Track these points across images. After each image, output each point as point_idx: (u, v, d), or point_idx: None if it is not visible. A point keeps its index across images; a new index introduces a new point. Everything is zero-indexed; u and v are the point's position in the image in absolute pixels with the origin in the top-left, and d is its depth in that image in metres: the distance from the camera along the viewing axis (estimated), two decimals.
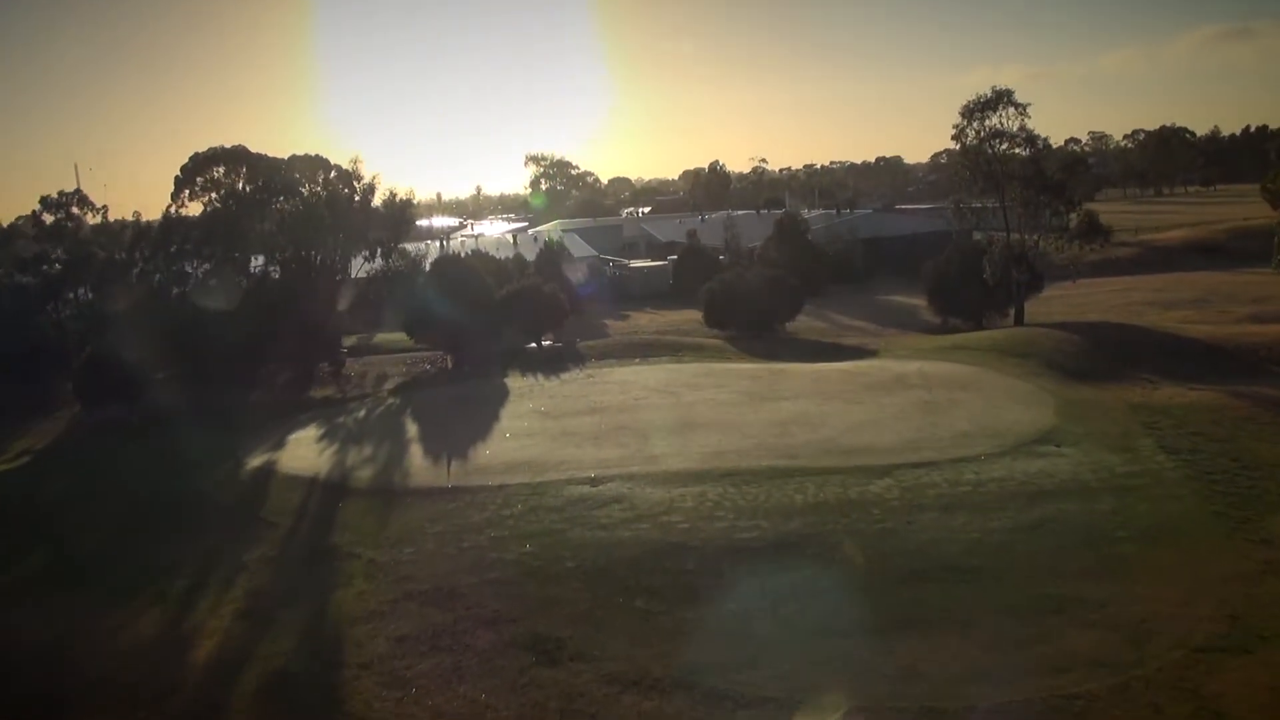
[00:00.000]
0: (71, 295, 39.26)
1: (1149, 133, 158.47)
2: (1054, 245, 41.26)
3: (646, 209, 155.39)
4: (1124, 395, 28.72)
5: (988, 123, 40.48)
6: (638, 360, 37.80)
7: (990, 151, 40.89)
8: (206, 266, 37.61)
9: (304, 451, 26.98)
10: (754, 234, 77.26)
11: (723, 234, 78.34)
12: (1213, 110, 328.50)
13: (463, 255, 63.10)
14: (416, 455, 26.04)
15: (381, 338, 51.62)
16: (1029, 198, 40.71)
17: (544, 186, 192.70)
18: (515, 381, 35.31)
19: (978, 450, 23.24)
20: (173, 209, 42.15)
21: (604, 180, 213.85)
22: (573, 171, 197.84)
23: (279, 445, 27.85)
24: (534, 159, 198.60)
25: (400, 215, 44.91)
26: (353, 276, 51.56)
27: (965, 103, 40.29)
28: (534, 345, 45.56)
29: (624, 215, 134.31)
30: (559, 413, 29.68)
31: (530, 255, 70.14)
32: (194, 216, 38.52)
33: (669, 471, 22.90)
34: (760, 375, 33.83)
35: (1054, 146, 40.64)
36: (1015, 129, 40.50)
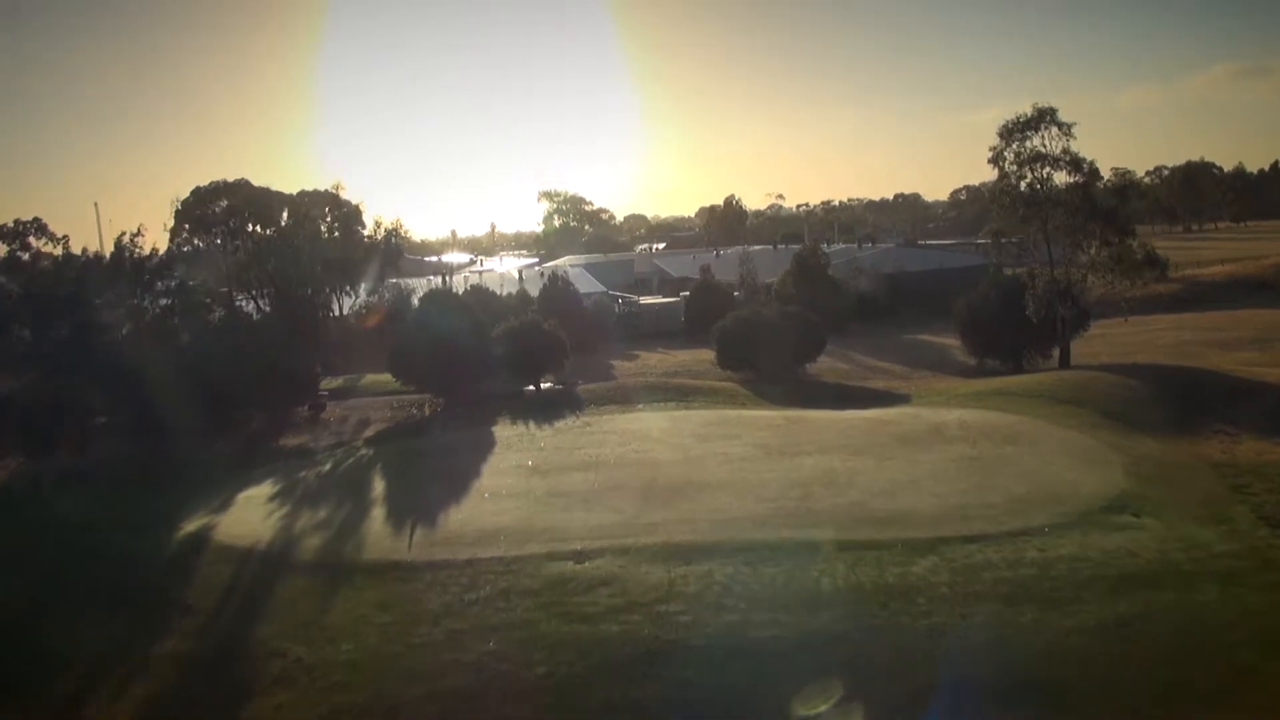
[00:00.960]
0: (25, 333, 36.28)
1: (1175, 168, 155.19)
2: (1104, 278, 37.67)
3: (661, 245, 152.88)
4: (1200, 451, 25.15)
5: (1028, 144, 37.10)
6: (641, 406, 34.45)
7: (1031, 175, 37.53)
8: (164, 302, 34.60)
9: (250, 514, 23.65)
10: (770, 269, 74.25)
11: (738, 269, 75.39)
12: (1233, 147, 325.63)
13: (462, 290, 60.16)
14: (378, 520, 22.69)
15: (371, 379, 48.49)
16: (1076, 225, 37.27)
17: (557, 223, 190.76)
18: (504, 430, 31.99)
19: (1038, 520, 19.68)
20: (173, 244, 39.65)
21: (619, 217, 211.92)
22: (586, 207, 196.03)
23: (224, 506, 24.57)
24: (547, 194, 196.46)
25: (386, 245, 41.86)
26: (343, 313, 48.77)
27: (1004, 122, 37.02)
28: (532, 388, 42.37)
29: (637, 251, 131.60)
30: (548, 468, 26.32)
31: (535, 291, 67.16)
32: (152, 251, 35.62)
33: (670, 544, 19.45)
34: (777, 425, 30.38)
35: (1100, 173, 36.97)
36: (1059, 151, 37.10)
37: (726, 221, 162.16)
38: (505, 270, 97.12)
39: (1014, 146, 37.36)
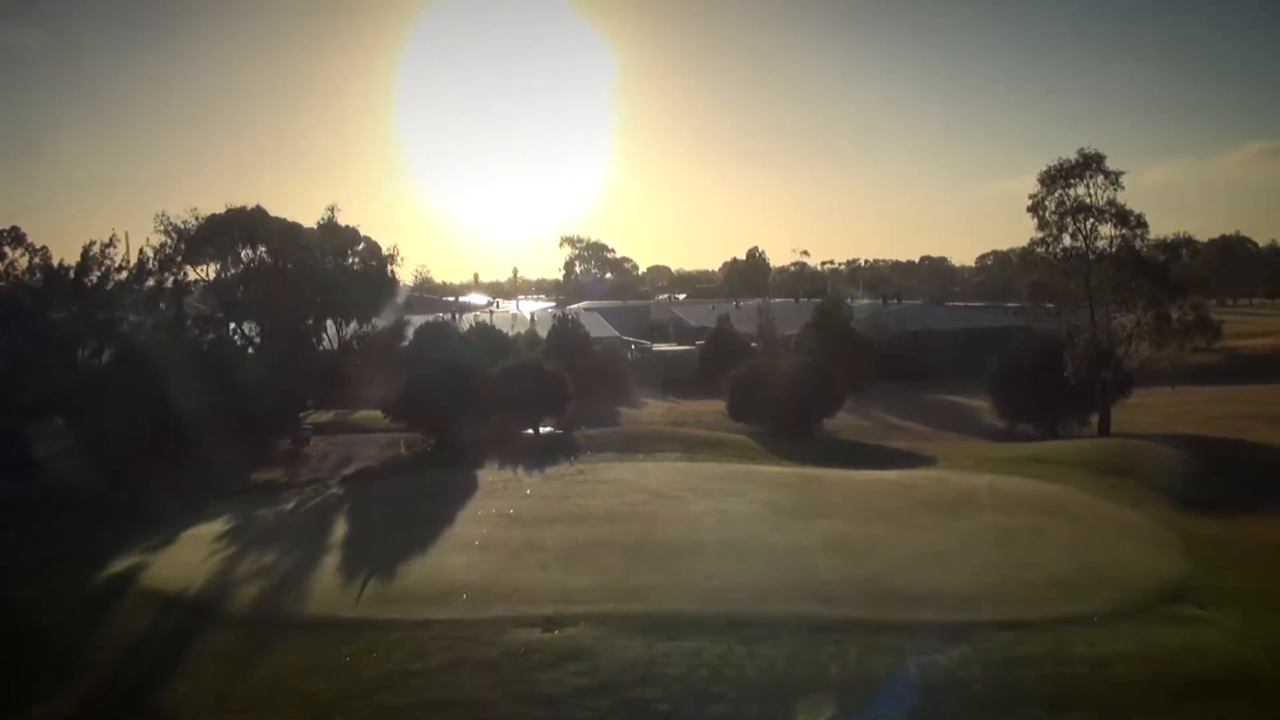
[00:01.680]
0: None
1: (1212, 240, 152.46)
2: (1151, 340, 35.07)
3: (681, 296, 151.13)
4: (1267, 534, 22.46)
5: (1071, 192, 34.79)
6: (642, 456, 32.05)
7: (1074, 226, 35.17)
8: (131, 318, 32.59)
9: (187, 556, 21.24)
10: (791, 323, 71.85)
11: (756, 320, 73.13)
12: (1264, 224, 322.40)
13: (468, 327, 58.05)
14: (329, 569, 20.23)
15: (364, 415, 46.26)
16: (1121, 282, 34.75)
17: (578, 269, 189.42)
18: (490, 474, 29.62)
19: (1086, 607, 17.03)
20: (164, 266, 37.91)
21: (642, 268, 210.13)
22: (608, 255, 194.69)
23: (162, 544, 22.20)
24: (569, 239, 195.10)
25: (380, 273, 39.81)
26: (342, 345, 46.62)
27: (1045, 168, 34.75)
28: (530, 431, 40.05)
29: (656, 300, 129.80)
30: (530, 518, 23.87)
31: (545, 332, 65.10)
32: (123, 262, 33.68)
33: (655, 614, 16.91)
34: (790, 482, 27.85)
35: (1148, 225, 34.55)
36: (1104, 202, 34.76)
37: (748, 274, 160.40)
38: (518, 312, 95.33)
39: (1056, 194, 35.01)
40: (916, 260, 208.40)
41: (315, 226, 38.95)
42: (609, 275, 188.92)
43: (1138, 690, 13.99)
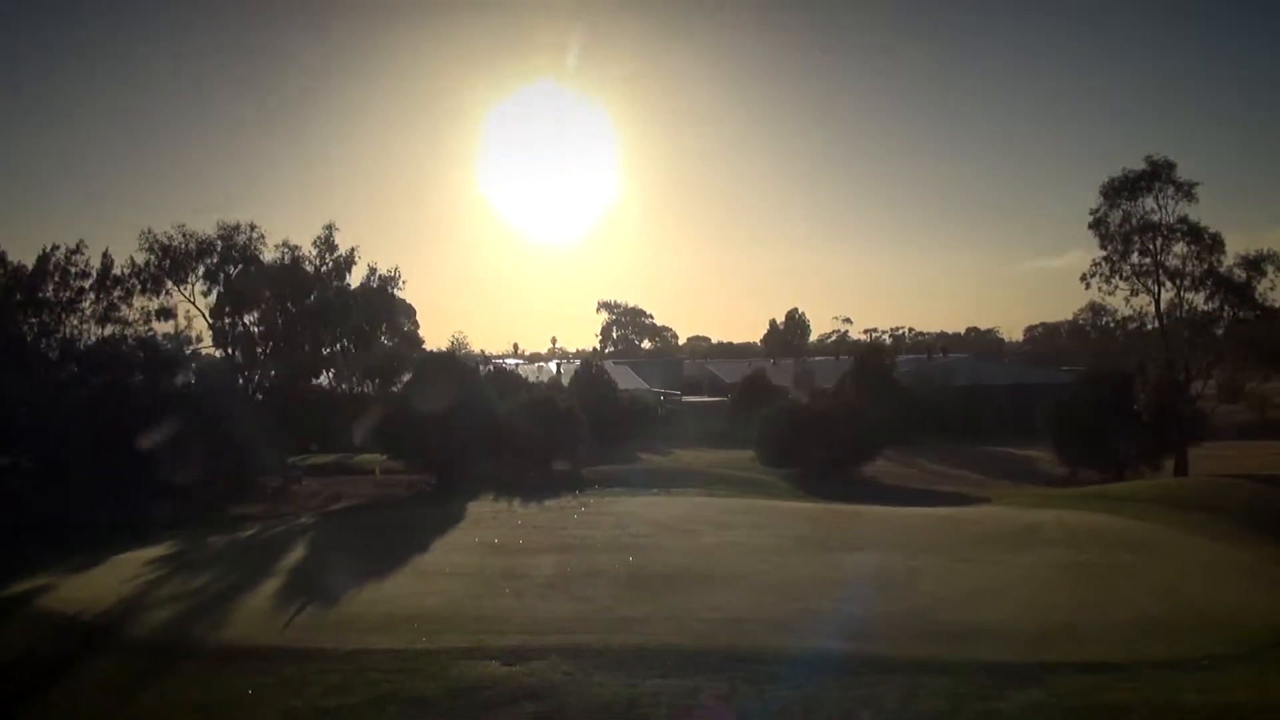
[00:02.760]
0: None
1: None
2: (1232, 365, 31.47)
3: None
4: None
5: (1138, 205, 31.60)
6: (656, 490, 28.86)
7: (1140, 244, 31.91)
8: (105, 331, 30.41)
9: (105, 579, 18.44)
10: (830, 379, 68.67)
11: (793, 374, 70.07)
12: None
13: (482, 371, 55.54)
14: (263, 596, 17.28)
15: (367, 458, 43.66)
16: (1196, 306, 31.34)
17: (615, 335, 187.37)
18: (483, 506, 26.72)
19: (1190, 650, 13.53)
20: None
21: (682, 338, 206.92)
22: (645, 320, 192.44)
23: (83, 567, 19.40)
24: (606, 305, 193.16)
25: (380, 298, 37.43)
26: (345, 384, 44.33)
27: (1109, 179, 31.65)
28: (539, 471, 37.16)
29: (689, 359, 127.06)
30: (513, 547, 20.82)
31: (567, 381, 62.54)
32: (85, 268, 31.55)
33: (644, 647, 13.73)
34: (820, 517, 24.57)
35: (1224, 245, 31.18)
36: (1174, 219, 31.54)
37: (788, 335, 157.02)
38: (545, 366, 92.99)
39: (1120, 209, 31.84)
40: (963, 332, 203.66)
41: (312, 246, 36.75)
42: (646, 343, 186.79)
43: None
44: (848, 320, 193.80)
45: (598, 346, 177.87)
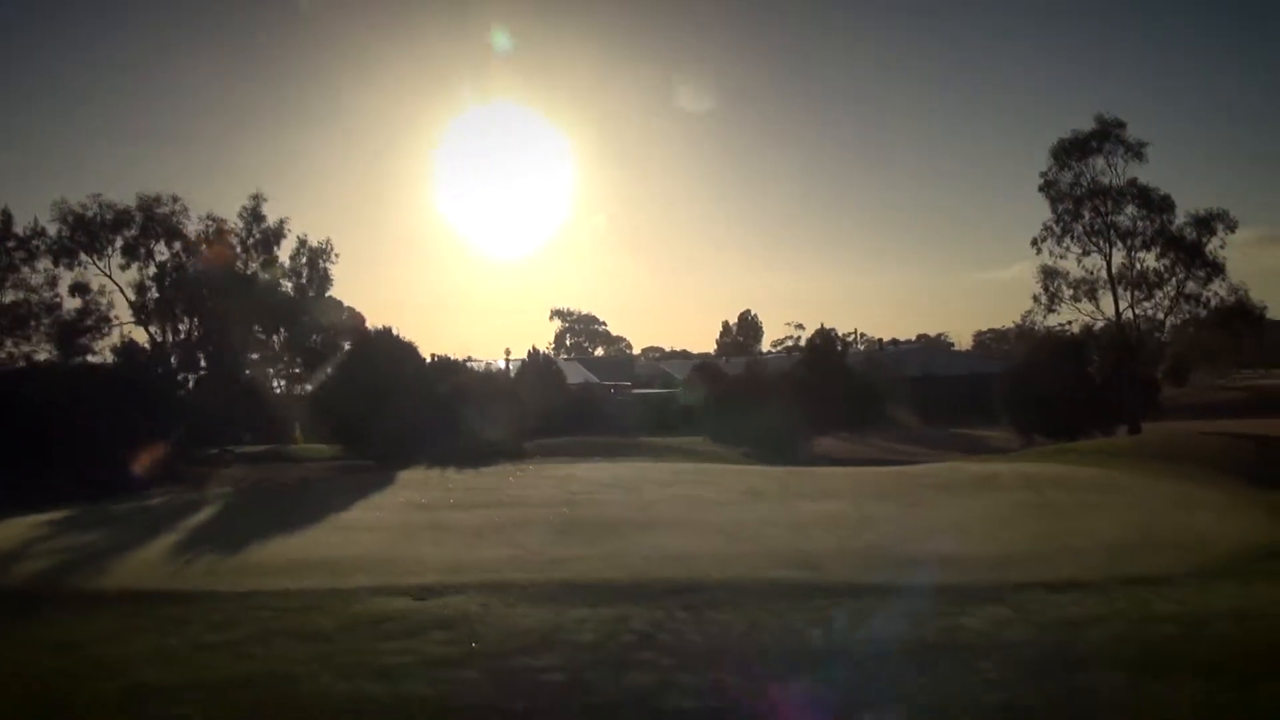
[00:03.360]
0: None
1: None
2: (1184, 331, 30.94)
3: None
4: None
5: (1088, 168, 30.99)
6: (599, 458, 27.57)
7: (1090, 213, 31.28)
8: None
9: None
10: (781, 371, 67.86)
11: (745, 364, 69.14)
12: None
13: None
14: (156, 548, 15.77)
15: (313, 447, 41.75)
16: (1145, 266, 30.75)
17: (569, 342, 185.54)
18: (414, 473, 25.16)
19: (1163, 568, 12.58)
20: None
21: (637, 348, 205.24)
22: (599, 328, 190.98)
23: None
24: (559, 313, 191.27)
25: (311, 266, 35.70)
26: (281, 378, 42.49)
27: (1057, 139, 31.01)
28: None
29: (641, 359, 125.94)
30: (441, 505, 19.43)
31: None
32: None
33: (573, 581, 12.45)
34: (772, 475, 23.49)
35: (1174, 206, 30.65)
36: (1124, 181, 30.98)
37: (742, 337, 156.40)
38: (493, 363, 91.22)
39: (1071, 170, 31.19)
40: (914, 338, 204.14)
41: (238, 218, 34.94)
42: (600, 351, 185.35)
43: (1255, 646, 9.52)
44: (800, 326, 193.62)
45: (549, 351, 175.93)
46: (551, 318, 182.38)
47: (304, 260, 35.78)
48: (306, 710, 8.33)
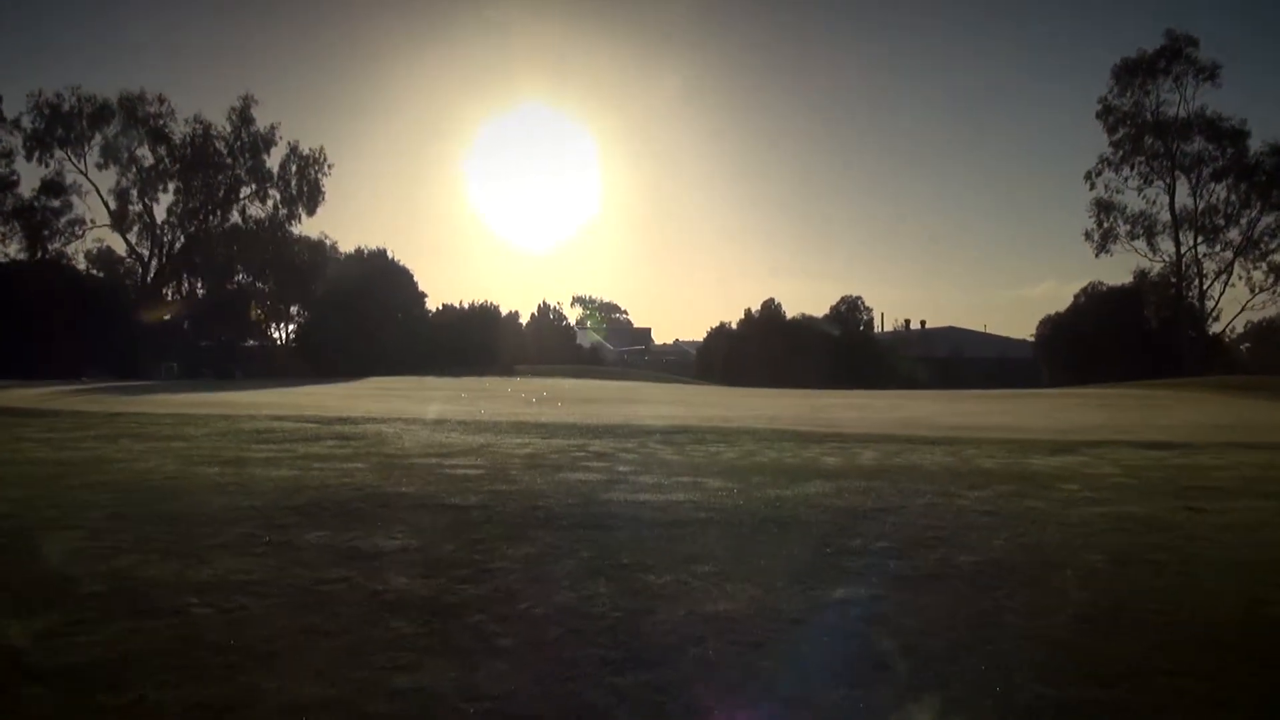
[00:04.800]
0: None
1: None
2: (1258, 269, 28.24)
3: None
4: None
5: (1150, 95, 28.35)
6: (593, 378, 25.48)
7: (1152, 143, 28.66)
8: None
9: None
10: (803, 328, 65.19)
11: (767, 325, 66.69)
12: None
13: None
14: (54, 391, 13.77)
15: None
16: (1218, 198, 28.10)
17: (590, 325, 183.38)
18: (391, 380, 23.15)
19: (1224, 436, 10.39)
20: None
21: (657, 341, 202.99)
22: (620, 316, 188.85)
23: None
24: (580, 300, 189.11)
25: (302, 180, 33.69)
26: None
27: (1119, 61, 28.38)
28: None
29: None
30: (414, 396, 17.38)
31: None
32: None
33: (546, 424, 10.44)
34: (787, 394, 21.24)
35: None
36: (1192, 112, 28.33)
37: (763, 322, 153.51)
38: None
39: (1131, 96, 28.55)
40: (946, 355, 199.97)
41: (226, 122, 32.99)
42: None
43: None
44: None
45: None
46: (573, 304, 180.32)
47: (294, 169, 33.74)
48: (115, 484, 6.28)
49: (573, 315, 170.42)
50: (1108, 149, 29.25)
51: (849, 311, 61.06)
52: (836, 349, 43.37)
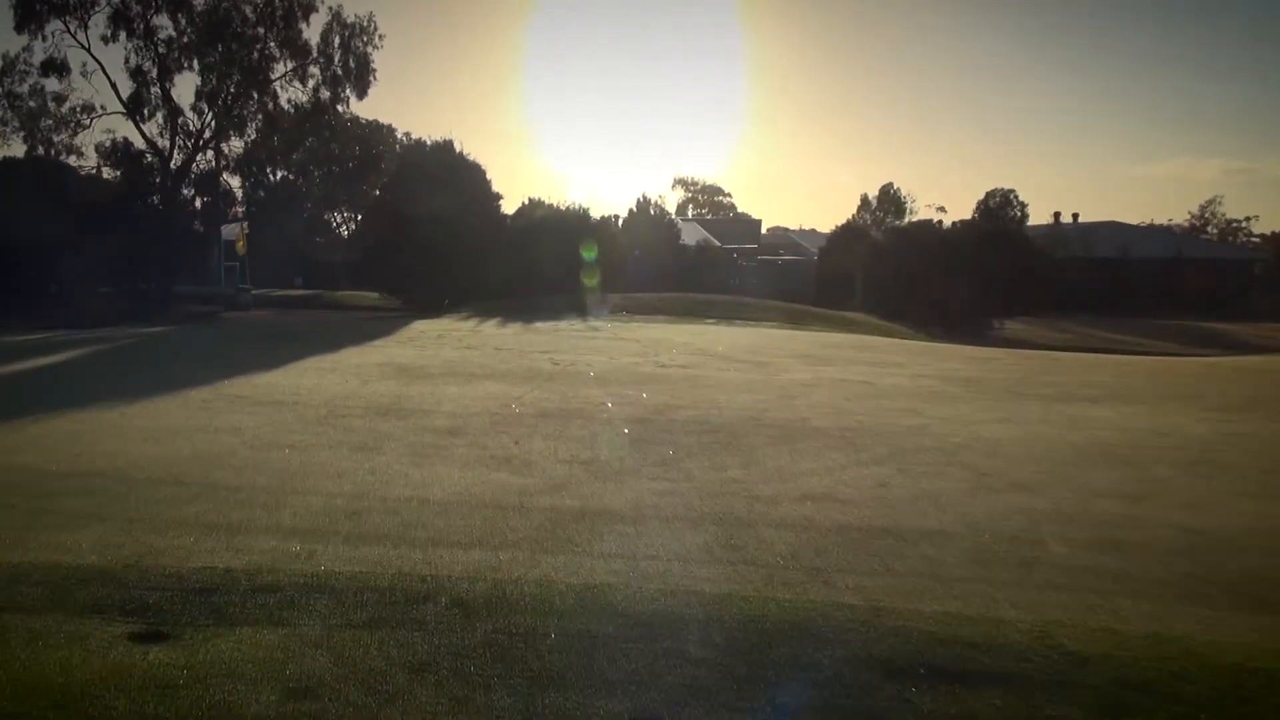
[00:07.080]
0: None
1: None
2: None
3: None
4: None
5: None
6: (711, 320, 19.93)
7: None
8: None
9: None
10: (942, 239, 57.81)
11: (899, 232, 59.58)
12: None
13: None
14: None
15: (360, 294, 35.45)
16: None
17: (690, 213, 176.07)
18: (440, 324, 18.04)
19: None
20: None
21: (764, 229, 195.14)
22: (724, 199, 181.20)
23: None
24: (681, 182, 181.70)
25: (346, 50, 28.12)
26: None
27: None
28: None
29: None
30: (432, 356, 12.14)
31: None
32: None
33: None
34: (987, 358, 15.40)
35: None
36: None
37: (882, 214, 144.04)
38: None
39: None
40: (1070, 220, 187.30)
41: None
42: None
43: None
44: (941, 210, 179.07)
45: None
46: (674, 186, 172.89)
47: (337, 42, 28.20)
48: None
49: (673, 200, 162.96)
50: None
51: (1000, 207, 54.01)
52: (1000, 264, 37.05)
